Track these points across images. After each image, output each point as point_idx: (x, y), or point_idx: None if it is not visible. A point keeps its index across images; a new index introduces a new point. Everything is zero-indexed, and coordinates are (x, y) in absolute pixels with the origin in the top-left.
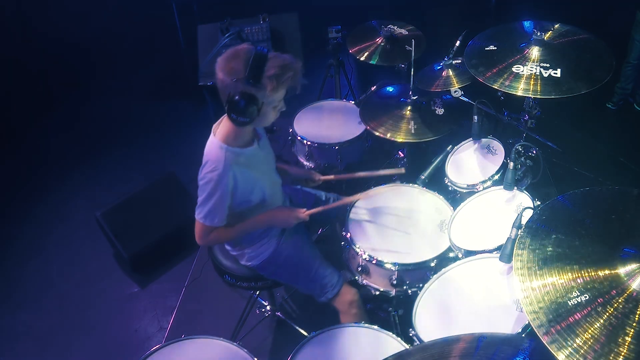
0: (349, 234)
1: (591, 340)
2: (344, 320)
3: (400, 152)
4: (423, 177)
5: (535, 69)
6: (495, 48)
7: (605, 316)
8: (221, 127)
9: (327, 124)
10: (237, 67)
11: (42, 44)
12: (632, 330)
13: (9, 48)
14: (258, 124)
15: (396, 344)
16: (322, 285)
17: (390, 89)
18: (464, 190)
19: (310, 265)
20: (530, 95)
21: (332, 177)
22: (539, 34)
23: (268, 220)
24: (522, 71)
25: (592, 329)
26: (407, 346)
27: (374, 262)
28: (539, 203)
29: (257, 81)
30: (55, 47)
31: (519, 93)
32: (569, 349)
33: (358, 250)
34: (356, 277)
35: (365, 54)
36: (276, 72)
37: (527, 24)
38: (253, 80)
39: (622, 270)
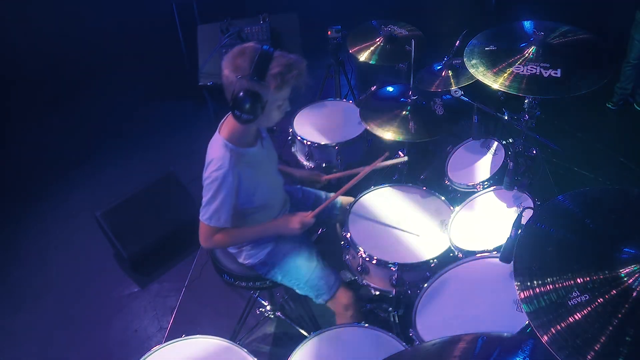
0: (349, 233)
1: (591, 340)
2: (340, 322)
3: (400, 152)
4: (423, 177)
5: (535, 69)
6: (495, 48)
7: (605, 316)
8: (226, 125)
9: (327, 124)
10: (243, 64)
11: (43, 44)
12: (632, 330)
13: (9, 48)
14: (262, 123)
15: (396, 344)
16: (319, 287)
17: (390, 89)
18: (464, 190)
19: (307, 266)
20: (530, 95)
21: (336, 175)
22: (539, 34)
23: (274, 229)
24: (522, 71)
25: (592, 329)
26: (407, 346)
27: (374, 262)
28: (539, 203)
29: (262, 79)
30: (56, 47)
31: (519, 93)
32: (569, 349)
33: (358, 250)
34: (356, 277)
35: (365, 54)
36: (281, 70)
37: (527, 24)
38: (257, 77)
39: (622, 270)
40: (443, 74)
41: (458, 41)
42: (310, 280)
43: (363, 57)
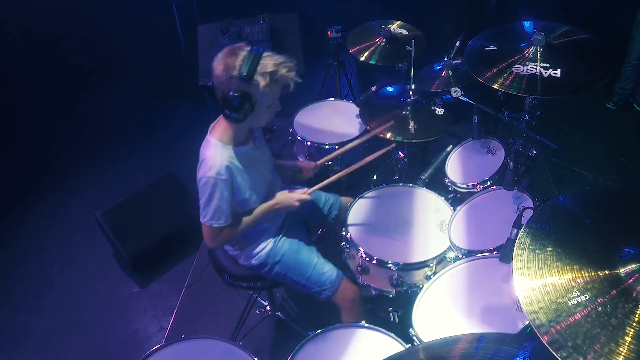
0: (348, 233)
1: (591, 340)
2: (345, 317)
3: (400, 152)
4: (423, 177)
5: (535, 69)
6: (495, 48)
7: (605, 316)
8: (217, 126)
9: (327, 124)
10: (232, 63)
11: (43, 44)
12: (632, 330)
13: (9, 47)
14: (252, 122)
15: (396, 344)
16: (321, 283)
17: (390, 89)
18: (464, 190)
19: (308, 263)
20: (530, 95)
21: (325, 160)
22: (539, 34)
23: (272, 205)
24: (522, 71)
25: (592, 329)
26: (407, 346)
27: (373, 262)
28: (539, 203)
29: (251, 78)
30: (55, 46)
31: (519, 93)
32: (569, 349)
33: (358, 250)
34: (356, 277)
35: (365, 54)
36: (269, 70)
37: (527, 24)
38: (246, 76)
39: (622, 270)
40: (443, 74)
41: (458, 41)
42: (312, 276)
43: (363, 57)
